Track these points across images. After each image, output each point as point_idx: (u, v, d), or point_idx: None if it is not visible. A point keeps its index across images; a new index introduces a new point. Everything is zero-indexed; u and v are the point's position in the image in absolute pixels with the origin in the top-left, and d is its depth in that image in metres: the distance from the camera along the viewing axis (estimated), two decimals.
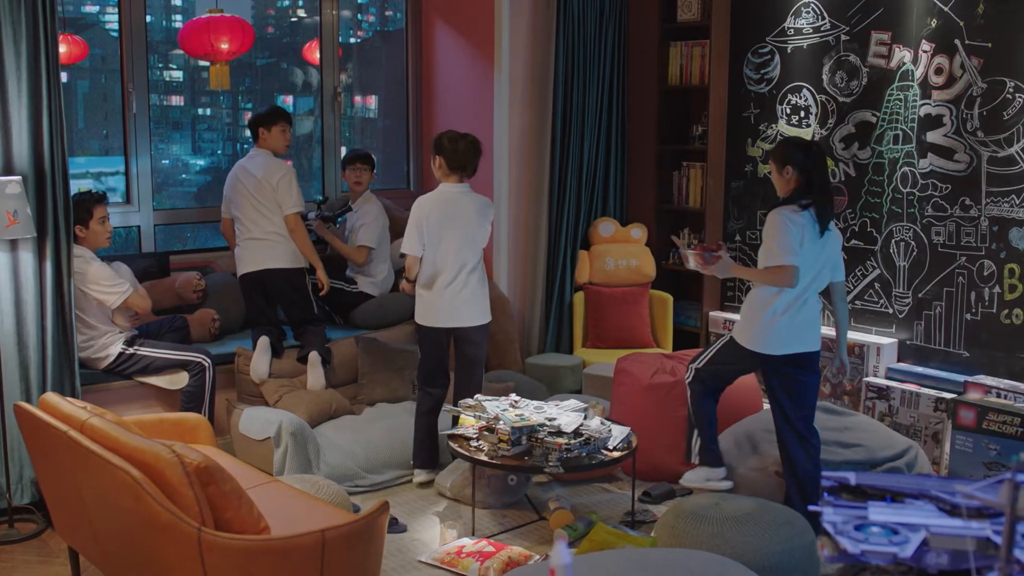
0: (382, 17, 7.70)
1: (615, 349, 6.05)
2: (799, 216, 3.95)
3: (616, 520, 4.33)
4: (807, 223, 3.94)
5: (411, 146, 6.69)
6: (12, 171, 4.19)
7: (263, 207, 5.01)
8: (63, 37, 5.40)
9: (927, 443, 4.78)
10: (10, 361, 4.23)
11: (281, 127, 5.15)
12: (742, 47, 5.83)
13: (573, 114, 6.16)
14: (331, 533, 2.86)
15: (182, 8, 7.23)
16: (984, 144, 4.74)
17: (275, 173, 5.03)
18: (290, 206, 5.04)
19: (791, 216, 3.94)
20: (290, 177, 5.06)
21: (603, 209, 6.42)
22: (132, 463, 2.89)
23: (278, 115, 5.18)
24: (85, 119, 6.85)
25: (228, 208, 5.18)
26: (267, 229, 5.04)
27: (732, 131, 5.93)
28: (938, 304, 4.98)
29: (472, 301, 4.61)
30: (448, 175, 4.62)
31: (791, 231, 3.90)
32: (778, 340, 3.99)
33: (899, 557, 1.74)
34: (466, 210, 4.60)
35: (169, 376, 4.79)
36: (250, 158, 5.13)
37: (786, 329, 3.98)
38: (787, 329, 3.98)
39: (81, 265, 4.55)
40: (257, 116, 5.19)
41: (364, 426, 4.88)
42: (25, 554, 4.06)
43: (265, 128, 5.13)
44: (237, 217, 5.10)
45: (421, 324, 4.65)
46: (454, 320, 4.60)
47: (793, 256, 3.88)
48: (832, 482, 1.98)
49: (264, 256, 5.06)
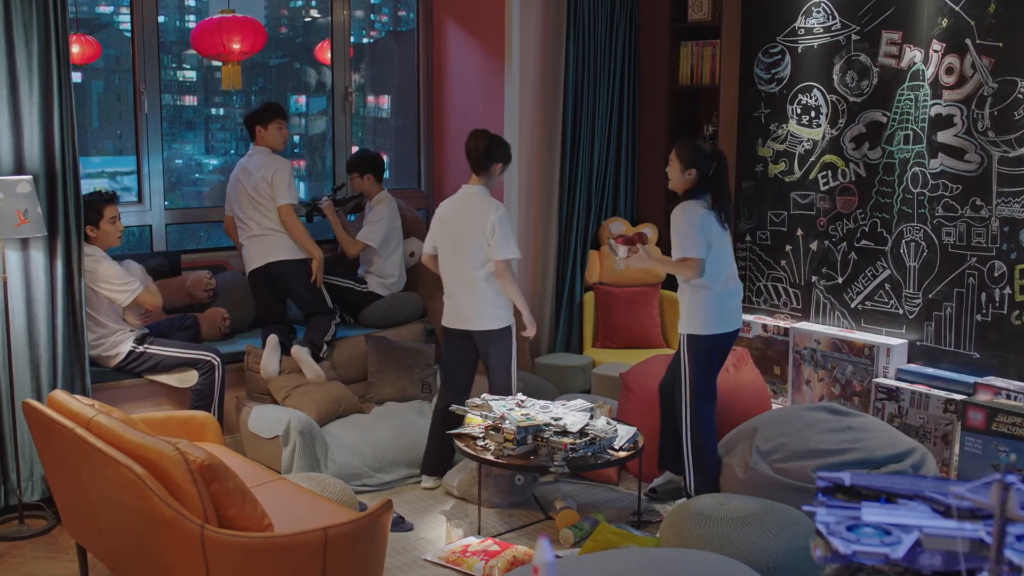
0: (395, 17, 7.72)
1: (625, 349, 6.05)
2: (706, 213, 4.27)
3: (622, 520, 4.34)
4: (713, 220, 4.28)
5: (422, 146, 6.71)
6: (23, 170, 4.23)
7: (261, 204, 5.06)
8: (76, 37, 5.45)
9: (936, 445, 4.76)
10: (21, 359, 4.27)
11: (277, 124, 5.16)
12: (753, 47, 5.81)
13: (583, 114, 6.16)
14: (333, 531, 2.88)
15: (195, 8, 7.27)
16: (995, 144, 4.71)
17: (270, 169, 5.07)
18: (282, 198, 5.06)
19: (699, 212, 4.25)
20: (284, 171, 5.08)
21: (613, 209, 6.42)
22: (136, 460, 2.91)
23: (274, 112, 5.19)
24: (99, 119, 6.90)
25: (230, 206, 5.26)
26: (266, 226, 5.09)
27: (742, 131, 5.91)
28: (948, 305, 4.95)
29: (475, 306, 4.56)
30: (470, 175, 4.65)
31: (698, 227, 4.23)
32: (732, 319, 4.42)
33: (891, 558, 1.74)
34: (466, 213, 4.55)
35: (179, 374, 4.83)
36: (249, 156, 5.18)
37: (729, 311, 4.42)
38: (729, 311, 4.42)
39: (92, 264, 4.58)
40: (252, 113, 5.21)
41: (372, 425, 4.90)
42: (35, 550, 4.10)
43: (261, 126, 5.15)
44: (238, 216, 5.16)
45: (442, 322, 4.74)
46: (460, 322, 4.61)
47: (699, 249, 4.22)
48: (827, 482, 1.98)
49: (266, 251, 5.12)
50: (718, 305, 4.32)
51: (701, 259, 4.21)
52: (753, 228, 5.89)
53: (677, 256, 4.26)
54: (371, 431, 4.84)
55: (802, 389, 5.46)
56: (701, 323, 4.31)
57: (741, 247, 5.91)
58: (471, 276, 4.54)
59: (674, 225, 4.28)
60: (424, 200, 6.69)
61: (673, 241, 4.29)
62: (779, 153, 5.71)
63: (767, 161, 5.79)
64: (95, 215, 4.63)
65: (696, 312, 4.32)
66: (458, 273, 4.56)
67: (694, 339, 4.32)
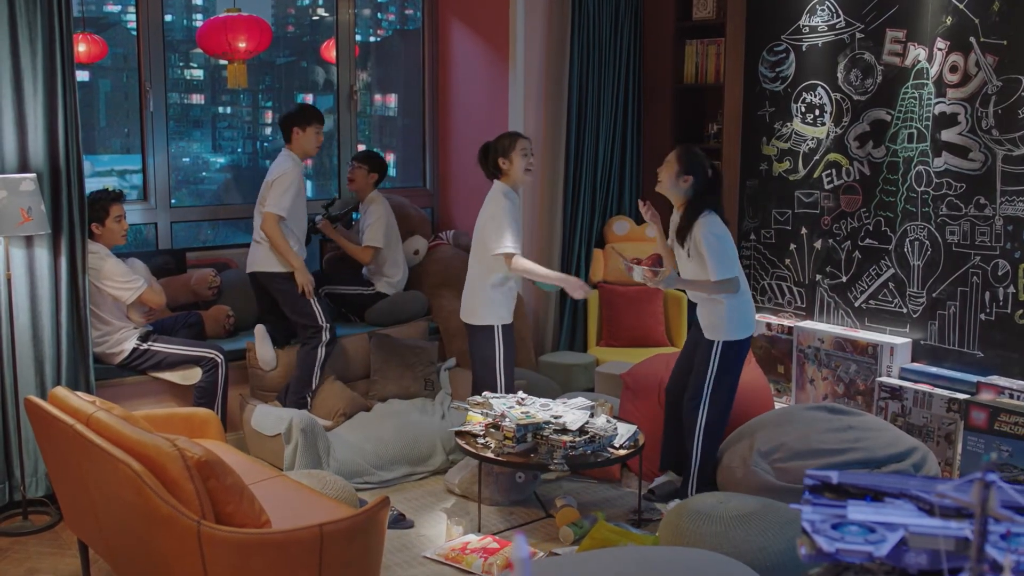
0: (402, 16, 7.72)
1: (629, 348, 6.05)
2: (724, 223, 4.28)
3: (623, 519, 4.34)
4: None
5: (427, 144, 6.72)
6: (28, 168, 4.25)
7: (261, 208, 5.00)
8: (83, 36, 5.48)
9: (940, 444, 4.75)
10: (25, 356, 4.30)
11: (316, 128, 5.01)
12: (757, 45, 5.81)
13: (588, 112, 6.16)
14: (329, 528, 2.89)
15: (203, 7, 7.29)
16: (999, 143, 4.70)
17: (276, 174, 4.94)
18: (269, 205, 4.87)
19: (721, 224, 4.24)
20: (284, 180, 4.88)
21: (618, 207, 6.42)
22: (134, 456, 2.93)
23: (313, 115, 5.02)
24: (107, 117, 6.93)
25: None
26: (259, 232, 5.00)
27: (747, 129, 5.91)
28: (952, 304, 4.94)
29: (465, 297, 4.73)
30: (475, 174, 4.82)
31: (729, 241, 4.26)
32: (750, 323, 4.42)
33: (874, 556, 1.74)
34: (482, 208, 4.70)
35: (183, 371, 4.85)
36: (277, 158, 5.05)
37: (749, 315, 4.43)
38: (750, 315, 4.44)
39: (96, 261, 4.61)
40: (290, 115, 5.02)
41: (374, 422, 4.91)
42: (39, 546, 4.13)
43: (300, 128, 4.98)
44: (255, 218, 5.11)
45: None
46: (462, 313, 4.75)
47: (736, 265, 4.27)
48: (815, 481, 1.98)
49: (253, 259, 5.04)
50: (748, 309, 4.36)
51: (738, 275, 4.24)
52: (757, 227, 5.89)
53: (718, 276, 4.18)
54: (373, 429, 4.85)
55: (806, 388, 5.45)
56: (736, 329, 4.30)
57: (745, 246, 5.90)
58: (472, 269, 4.70)
59: (707, 244, 4.17)
60: (429, 199, 6.70)
61: (710, 261, 4.18)
62: (783, 152, 5.70)
63: (771, 160, 5.78)
64: (101, 213, 4.66)
65: (730, 319, 4.28)
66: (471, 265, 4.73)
67: (729, 345, 4.30)
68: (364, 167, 5.66)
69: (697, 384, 4.35)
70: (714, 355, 4.32)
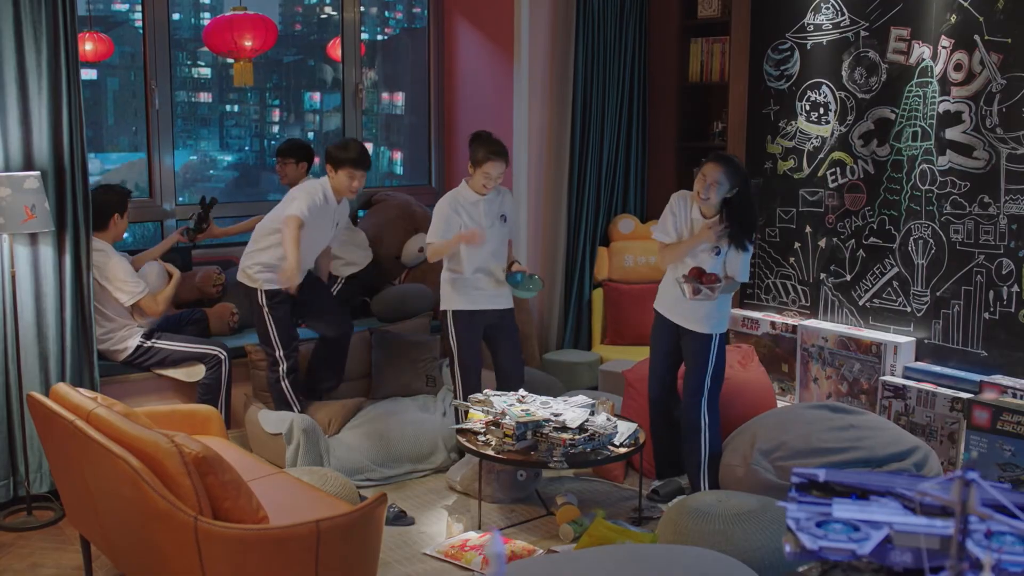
0: (409, 14, 7.74)
1: (633, 346, 6.05)
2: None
3: (624, 516, 4.34)
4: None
5: (433, 142, 6.73)
6: (32, 166, 4.29)
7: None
8: (90, 35, 5.52)
9: (943, 443, 4.73)
10: (30, 353, 4.33)
11: (347, 172, 4.60)
12: (762, 43, 5.79)
13: (593, 110, 6.16)
14: (326, 524, 2.90)
15: (210, 6, 7.32)
16: (1003, 141, 4.68)
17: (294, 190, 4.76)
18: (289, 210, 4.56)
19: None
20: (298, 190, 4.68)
21: (623, 206, 6.42)
22: (133, 453, 2.95)
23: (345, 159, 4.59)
24: (115, 116, 6.97)
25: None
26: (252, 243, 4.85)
27: (752, 128, 5.89)
28: (956, 303, 4.92)
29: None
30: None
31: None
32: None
33: (858, 554, 1.74)
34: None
35: (186, 369, 4.87)
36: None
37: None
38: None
39: (101, 259, 4.64)
40: (328, 150, 4.70)
41: (376, 419, 4.93)
42: (42, 541, 4.16)
43: (332, 168, 4.65)
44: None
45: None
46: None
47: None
48: (802, 478, 1.99)
49: None
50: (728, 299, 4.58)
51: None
52: (762, 225, 5.87)
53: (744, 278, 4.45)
54: (374, 425, 4.86)
55: (810, 387, 5.44)
56: (726, 319, 4.52)
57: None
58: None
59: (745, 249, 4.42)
60: (435, 197, 6.69)
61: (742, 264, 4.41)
62: (788, 150, 5.69)
63: (776, 158, 5.77)
64: (105, 210, 4.69)
65: (720, 311, 4.46)
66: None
67: (723, 336, 4.49)
68: (291, 160, 5.46)
69: (697, 380, 4.37)
70: (713, 348, 4.40)
